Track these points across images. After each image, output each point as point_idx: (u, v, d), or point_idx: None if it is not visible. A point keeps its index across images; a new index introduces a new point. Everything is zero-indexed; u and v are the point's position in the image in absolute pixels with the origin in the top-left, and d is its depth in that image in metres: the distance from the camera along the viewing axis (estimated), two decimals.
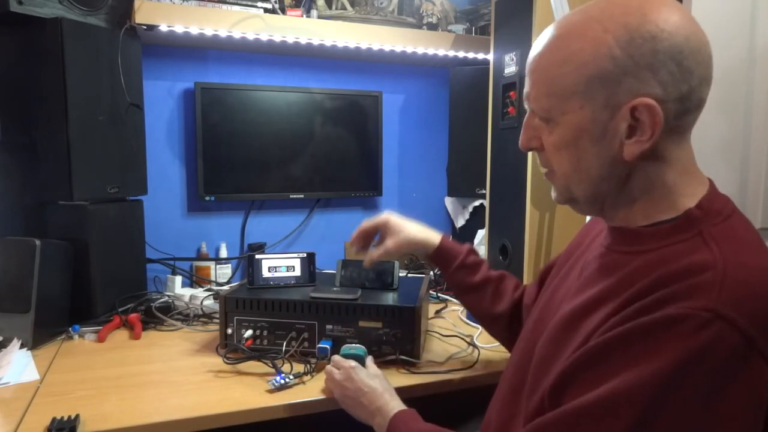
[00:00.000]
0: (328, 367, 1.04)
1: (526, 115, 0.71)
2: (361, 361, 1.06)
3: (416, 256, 1.19)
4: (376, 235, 1.17)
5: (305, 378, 1.09)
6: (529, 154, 1.30)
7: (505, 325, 1.07)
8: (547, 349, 0.69)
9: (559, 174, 0.70)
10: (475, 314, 1.12)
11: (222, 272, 1.81)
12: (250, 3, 1.61)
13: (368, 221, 1.16)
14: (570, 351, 0.64)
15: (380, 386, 0.95)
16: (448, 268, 1.10)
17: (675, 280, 0.57)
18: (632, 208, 0.67)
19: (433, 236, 1.13)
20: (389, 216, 1.14)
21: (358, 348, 1.10)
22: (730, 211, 0.65)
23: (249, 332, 1.18)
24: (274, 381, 1.04)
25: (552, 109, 0.66)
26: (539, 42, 0.68)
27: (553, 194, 0.73)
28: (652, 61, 0.60)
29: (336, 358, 1.05)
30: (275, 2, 1.64)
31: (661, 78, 0.60)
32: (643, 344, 0.55)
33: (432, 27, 1.87)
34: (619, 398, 0.54)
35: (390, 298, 1.21)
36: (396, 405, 0.90)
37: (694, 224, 0.63)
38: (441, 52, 1.83)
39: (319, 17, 1.72)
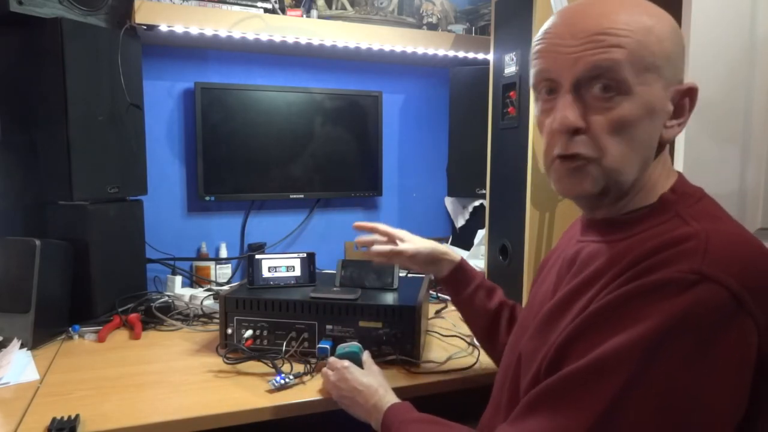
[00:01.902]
0: (324, 369, 1.04)
1: (568, 90, 0.63)
2: (356, 358, 1.06)
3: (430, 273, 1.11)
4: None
5: (305, 378, 1.09)
6: (529, 153, 1.30)
7: None
8: (532, 343, 0.70)
9: (611, 157, 0.63)
10: (490, 344, 1.06)
11: (222, 272, 1.81)
12: (250, 3, 1.61)
13: (384, 225, 1.12)
14: (557, 335, 0.65)
15: (375, 383, 0.95)
16: (466, 288, 1.05)
17: (659, 251, 0.59)
18: (627, 196, 0.68)
19: (453, 252, 1.08)
20: (402, 231, 1.11)
21: (352, 345, 1.09)
22: (702, 195, 0.68)
23: (249, 332, 1.18)
24: (274, 381, 1.04)
25: (631, 79, 0.61)
26: (596, 6, 0.63)
27: (582, 185, 0.65)
28: (683, 52, 0.66)
29: (330, 359, 1.05)
30: (275, 2, 1.64)
31: (683, 68, 0.65)
32: (632, 309, 0.57)
33: (432, 27, 1.87)
34: (609, 360, 0.56)
35: (390, 298, 1.21)
36: (390, 399, 0.90)
37: (671, 207, 0.66)
38: (441, 52, 1.83)
39: (319, 17, 1.72)
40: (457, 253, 1.08)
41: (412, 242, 1.08)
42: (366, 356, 1.08)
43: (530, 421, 0.61)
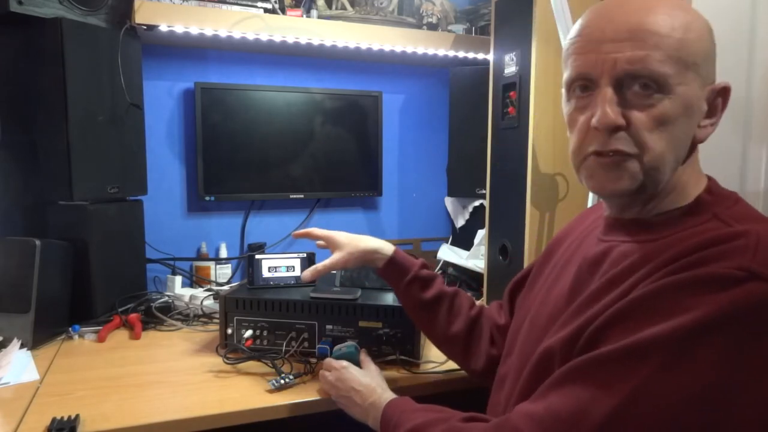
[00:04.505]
0: (322, 370, 1.04)
1: (606, 88, 0.62)
2: (353, 358, 1.06)
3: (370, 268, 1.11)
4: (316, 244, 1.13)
5: (305, 378, 1.09)
6: (529, 153, 1.30)
7: (462, 346, 1.00)
8: (555, 338, 0.68)
9: (651, 155, 0.62)
10: (430, 334, 1.06)
11: (222, 272, 1.81)
12: (250, 3, 1.61)
13: (317, 229, 1.12)
14: (584, 320, 0.63)
15: (373, 383, 0.95)
16: (400, 282, 1.03)
17: (706, 247, 0.58)
18: (658, 197, 0.66)
19: (386, 246, 1.06)
20: (336, 232, 1.10)
21: (348, 346, 1.09)
22: (737, 198, 0.66)
23: (249, 332, 1.18)
24: (274, 381, 1.05)
25: (673, 77, 0.60)
26: (635, 2, 0.63)
27: (620, 182, 0.64)
28: (715, 51, 0.64)
29: (327, 360, 1.05)
30: (275, 2, 1.64)
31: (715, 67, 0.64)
32: (676, 299, 0.55)
33: (432, 27, 1.87)
34: (644, 346, 0.55)
35: (390, 298, 1.21)
36: (388, 396, 0.90)
37: (708, 208, 0.64)
38: (441, 52, 1.83)
39: (319, 17, 1.72)
40: (389, 246, 1.07)
41: (341, 248, 1.06)
42: (363, 355, 1.08)
43: (554, 396, 0.60)
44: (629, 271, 0.63)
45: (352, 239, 1.07)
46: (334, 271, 1.35)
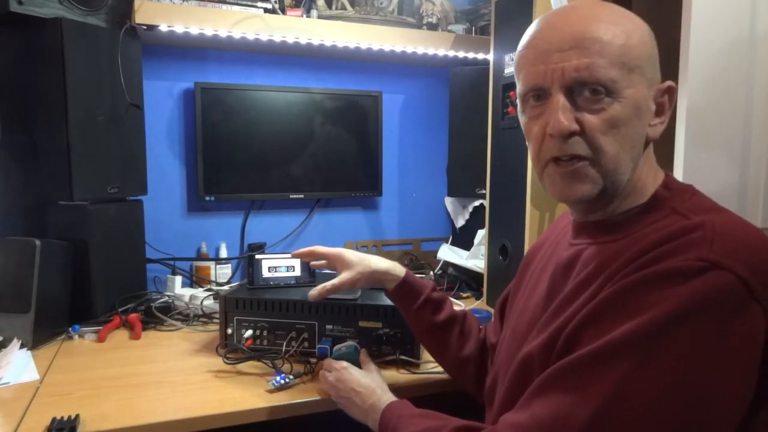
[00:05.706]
0: (322, 371, 1.04)
1: (558, 96, 0.64)
2: (353, 358, 1.06)
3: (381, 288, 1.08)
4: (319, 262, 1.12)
5: (305, 378, 1.09)
6: (529, 153, 1.30)
7: (474, 368, 0.99)
8: (534, 344, 0.69)
9: (607, 157, 0.64)
10: (441, 357, 1.04)
11: (222, 272, 1.81)
12: (250, 3, 1.61)
13: (322, 247, 1.10)
14: (559, 324, 0.65)
15: (373, 384, 0.95)
16: (412, 304, 1.02)
17: (665, 242, 0.60)
18: (620, 197, 0.69)
19: (397, 267, 1.04)
20: (344, 250, 1.08)
21: (348, 346, 1.09)
22: (694, 190, 0.69)
23: (249, 332, 1.18)
24: (274, 381, 1.05)
25: (619, 81, 0.63)
26: (578, 12, 0.65)
27: (582, 188, 0.66)
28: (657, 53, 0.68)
29: (327, 360, 1.05)
30: (275, 2, 1.64)
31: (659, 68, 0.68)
32: (641, 296, 0.57)
33: (432, 27, 1.87)
34: (618, 345, 0.56)
35: None
36: (388, 398, 0.90)
37: (666, 203, 0.67)
38: (441, 52, 1.83)
39: (319, 17, 1.72)
40: (400, 267, 1.05)
41: (351, 268, 1.04)
42: (363, 355, 1.08)
43: (536, 404, 0.61)
44: (596, 273, 0.65)
45: (362, 258, 1.05)
46: (330, 271, 1.35)
